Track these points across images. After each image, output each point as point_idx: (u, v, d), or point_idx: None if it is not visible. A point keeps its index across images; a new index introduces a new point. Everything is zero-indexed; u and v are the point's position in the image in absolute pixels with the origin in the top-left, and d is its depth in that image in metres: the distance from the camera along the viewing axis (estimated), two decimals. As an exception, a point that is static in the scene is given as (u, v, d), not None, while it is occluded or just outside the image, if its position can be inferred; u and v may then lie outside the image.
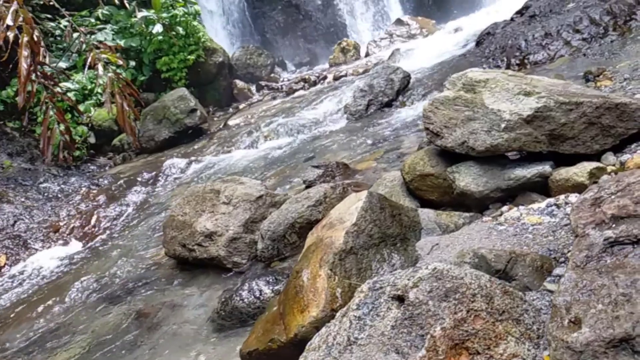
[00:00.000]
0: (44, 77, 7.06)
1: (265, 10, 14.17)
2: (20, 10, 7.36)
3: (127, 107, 8.32)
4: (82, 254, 4.77)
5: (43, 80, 7.05)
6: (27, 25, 7.41)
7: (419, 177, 2.91)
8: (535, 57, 5.44)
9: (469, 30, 8.91)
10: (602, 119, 2.48)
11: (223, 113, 10.50)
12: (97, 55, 8.61)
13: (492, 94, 2.60)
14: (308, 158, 5.28)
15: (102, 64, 8.53)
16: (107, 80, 8.27)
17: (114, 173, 7.58)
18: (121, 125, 8.46)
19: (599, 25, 5.35)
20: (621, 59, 4.40)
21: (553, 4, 6.70)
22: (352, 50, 11.47)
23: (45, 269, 4.55)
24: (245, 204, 3.45)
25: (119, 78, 8.59)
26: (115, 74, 8.43)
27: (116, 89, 8.30)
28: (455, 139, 2.66)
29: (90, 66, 8.99)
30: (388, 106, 6.14)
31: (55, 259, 4.81)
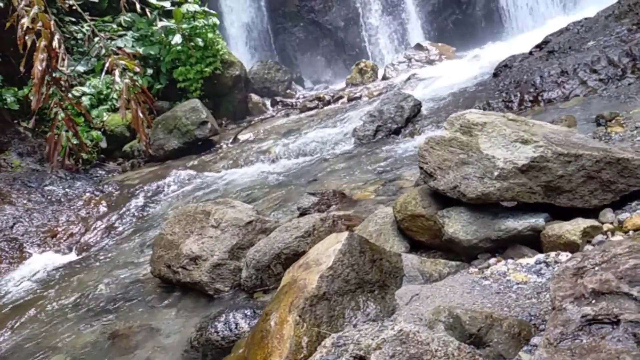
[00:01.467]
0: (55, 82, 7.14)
1: (287, 27, 14.25)
2: (39, 14, 7.48)
3: (141, 114, 8.41)
4: (73, 264, 4.73)
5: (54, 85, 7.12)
6: (45, 29, 7.52)
7: (410, 217, 2.81)
8: (549, 94, 5.32)
9: (488, 60, 8.81)
10: (602, 173, 2.36)
11: (236, 126, 10.51)
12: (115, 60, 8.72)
13: (488, 139, 2.50)
14: (310, 181, 5.20)
15: (119, 70, 8.62)
16: (124, 86, 8.35)
17: (120, 180, 7.58)
18: (136, 130, 8.55)
19: (617, 66, 5.22)
20: (636, 104, 4.26)
21: (573, 40, 6.58)
22: (370, 72, 11.43)
23: (35, 277, 4.52)
24: (233, 229, 3.37)
25: (135, 85, 8.68)
26: (131, 80, 8.52)
27: (132, 95, 8.39)
28: (448, 182, 2.55)
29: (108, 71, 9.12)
30: (396, 133, 6.05)
31: (48, 266, 4.78)
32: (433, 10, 13.15)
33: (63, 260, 4.91)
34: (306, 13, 14.09)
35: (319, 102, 10.15)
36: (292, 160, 6.40)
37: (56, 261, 4.90)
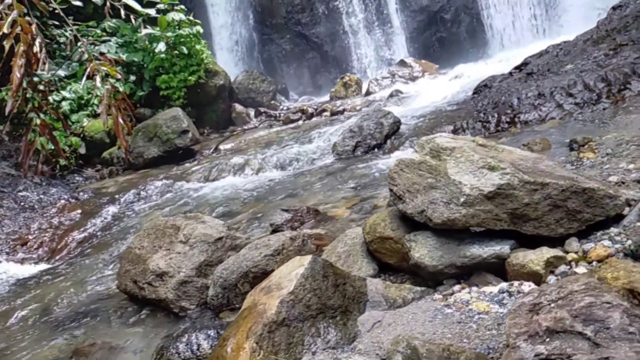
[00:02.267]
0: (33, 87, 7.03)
1: (274, 38, 14.28)
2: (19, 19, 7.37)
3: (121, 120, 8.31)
4: (42, 274, 4.63)
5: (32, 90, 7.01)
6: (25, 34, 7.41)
7: (379, 239, 2.79)
8: (526, 116, 5.37)
9: (470, 79, 8.91)
10: (568, 202, 2.37)
11: (218, 135, 10.45)
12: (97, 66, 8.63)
13: (456, 164, 2.50)
14: (286, 196, 5.17)
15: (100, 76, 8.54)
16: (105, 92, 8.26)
17: (96, 187, 7.47)
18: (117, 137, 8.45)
19: (592, 91, 5.29)
20: (609, 130, 4.31)
21: (552, 63, 6.68)
22: (354, 86, 11.48)
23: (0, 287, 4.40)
24: (202, 245, 3.32)
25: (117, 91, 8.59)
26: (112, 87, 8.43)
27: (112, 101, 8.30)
28: (416, 205, 2.54)
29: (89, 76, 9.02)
30: (375, 150, 6.06)
31: (15, 276, 4.66)
32: (418, 27, 13.28)
33: (31, 270, 4.80)
34: (293, 25, 14.13)
35: (302, 114, 10.16)
36: (271, 173, 6.36)
37: (24, 271, 4.79)
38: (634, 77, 5.25)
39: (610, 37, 6.69)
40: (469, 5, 13.12)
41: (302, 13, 14.12)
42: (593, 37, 6.91)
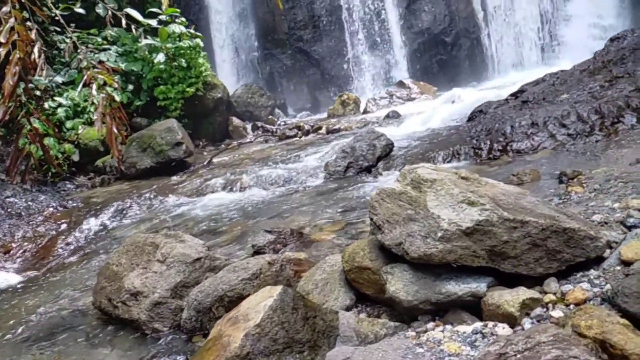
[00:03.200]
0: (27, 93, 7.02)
1: (275, 53, 14.34)
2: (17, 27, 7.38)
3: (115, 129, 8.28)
4: (20, 285, 4.55)
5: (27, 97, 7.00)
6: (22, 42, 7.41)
7: (357, 268, 2.73)
8: (518, 145, 5.34)
9: (467, 103, 8.90)
10: (547, 241, 2.32)
11: (214, 148, 10.43)
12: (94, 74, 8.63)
13: (436, 197, 2.45)
14: (274, 215, 5.12)
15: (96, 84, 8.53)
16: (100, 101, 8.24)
17: (86, 196, 7.42)
18: (110, 146, 8.41)
19: (585, 122, 5.27)
20: (599, 164, 4.28)
21: (547, 92, 6.68)
22: (352, 105, 11.50)
23: (-24, 296, 4.32)
24: (179, 266, 3.26)
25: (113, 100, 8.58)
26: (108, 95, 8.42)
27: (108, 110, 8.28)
28: (394, 237, 2.49)
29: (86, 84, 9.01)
30: (367, 171, 6.02)
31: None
32: (419, 49, 13.35)
33: (10, 280, 4.71)
34: (295, 41, 14.21)
35: (298, 131, 10.15)
36: (261, 190, 6.31)
37: (3, 281, 4.70)
38: (627, 111, 5.24)
39: (607, 68, 6.70)
40: (469, 30, 13.21)
41: (304, 30, 14.21)
42: (590, 68, 6.92)
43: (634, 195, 2.91)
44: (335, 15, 13.86)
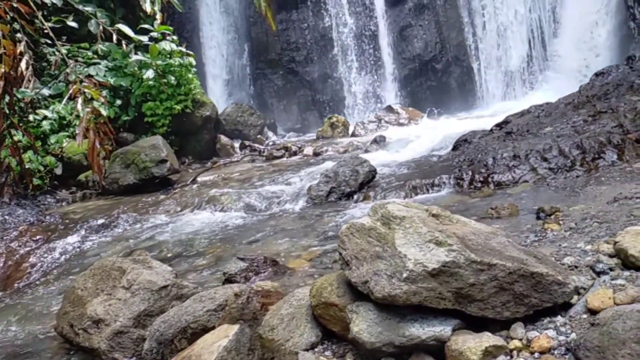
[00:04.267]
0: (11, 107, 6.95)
1: (267, 73, 14.39)
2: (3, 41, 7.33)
3: (98, 144, 8.20)
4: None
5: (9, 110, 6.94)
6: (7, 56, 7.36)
7: (324, 304, 2.66)
8: (499, 177, 5.33)
9: (454, 130, 8.92)
10: (515, 285, 2.27)
11: (200, 166, 10.37)
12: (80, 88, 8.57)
13: (404, 235, 2.40)
14: (251, 240, 5.04)
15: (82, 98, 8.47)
16: (84, 115, 8.18)
17: (65, 212, 7.31)
18: (90, 162, 8.32)
19: (567, 157, 5.28)
20: (578, 200, 4.26)
21: (532, 124, 6.71)
22: (341, 127, 11.52)
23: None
24: (145, 293, 3.17)
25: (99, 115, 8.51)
26: (94, 110, 8.36)
27: (91, 125, 8.21)
28: (360, 275, 2.43)
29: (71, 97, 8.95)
30: (349, 197, 5.98)
31: (-43, 303, 4.45)
32: (409, 74, 13.46)
33: (-24, 298, 4.59)
34: (287, 62, 14.28)
35: (285, 151, 10.12)
36: (242, 212, 6.24)
37: (-32, 299, 4.57)
38: (608, 147, 5.26)
39: (591, 103, 6.76)
40: (460, 57, 13.35)
41: (297, 51, 14.30)
42: (574, 102, 6.98)
43: (606, 238, 2.88)
44: (327, 38, 13.97)
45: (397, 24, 13.90)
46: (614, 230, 3.06)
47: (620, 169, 4.93)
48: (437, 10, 13.68)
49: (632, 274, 2.32)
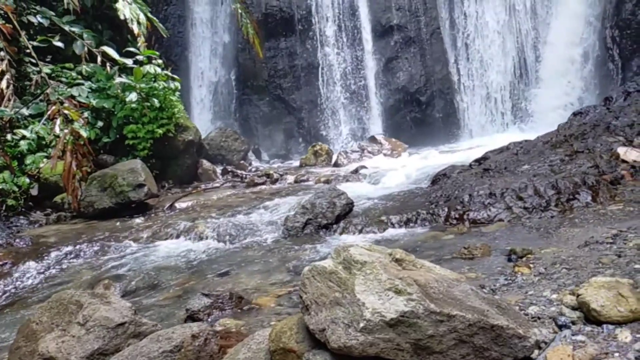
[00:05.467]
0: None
1: (253, 99, 14.44)
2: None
3: (75, 167, 8.08)
4: (-61, 333, 4.23)
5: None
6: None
7: (282, 350, 2.57)
8: (475, 214, 5.32)
9: (434, 163, 8.99)
10: (474, 338, 2.21)
11: (180, 190, 10.27)
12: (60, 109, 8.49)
13: (365, 281, 2.34)
14: (222, 272, 4.94)
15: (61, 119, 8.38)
16: (62, 136, 8.07)
17: (36, 234, 7.14)
18: (65, 184, 8.18)
19: (542, 197, 5.29)
20: (550, 242, 4.25)
21: (509, 161, 6.75)
22: (324, 155, 11.52)
23: None
24: (100, 330, 3.05)
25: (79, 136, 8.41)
26: (73, 131, 8.26)
27: (69, 146, 8.10)
28: (319, 321, 2.36)
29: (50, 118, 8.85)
30: (325, 229, 5.92)
31: None
32: (394, 106, 13.58)
33: None
34: (273, 89, 14.35)
35: (267, 178, 10.07)
36: (216, 242, 6.14)
37: None
38: (583, 188, 5.28)
39: (568, 142, 6.83)
40: (444, 91, 13.52)
41: (283, 78, 14.38)
42: (552, 140, 7.05)
43: (572, 287, 2.84)
44: (314, 67, 14.10)
45: (384, 55, 14.08)
46: (581, 278, 3.04)
47: (594, 211, 4.95)
48: (423, 44, 13.90)
49: (594, 329, 2.27)
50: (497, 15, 13.01)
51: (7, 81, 8.98)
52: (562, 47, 12.24)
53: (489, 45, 13.07)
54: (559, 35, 12.48)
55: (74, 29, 10.46)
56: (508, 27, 12.93)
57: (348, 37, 14.17)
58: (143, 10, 9.89)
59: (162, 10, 14.73)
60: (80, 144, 8.37)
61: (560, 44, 12.41)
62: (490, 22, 13.14)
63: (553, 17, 12.57)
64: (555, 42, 12.58)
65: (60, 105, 8.45)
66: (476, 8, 13.16)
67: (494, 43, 13.00)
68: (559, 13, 12.54)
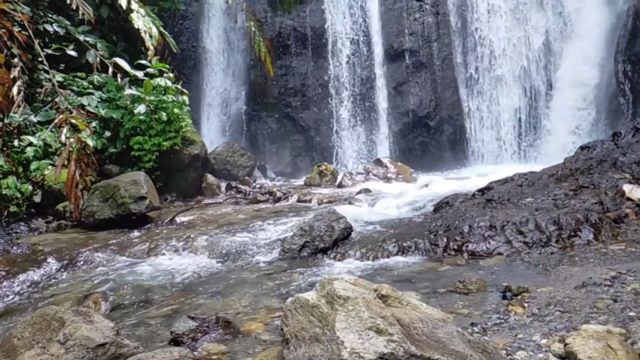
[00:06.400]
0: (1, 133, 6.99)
1: (262, 115, 14.50)
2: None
3: (78, 176, 8.10)
4: None
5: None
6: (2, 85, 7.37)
7: (260, 382, 2.51)
8: (474, 246, 5.23)
9: (438, 190, 8.91)
10: (455, 384, 2.14)
11: (183, 204, 10.26)
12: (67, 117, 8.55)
13: (346, 318, 2.28)
14: (214, 292, 4.88)
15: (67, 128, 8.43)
16: (67, 145, 8.12)
17: (35, 242, 7.14)
18: (67, 193, 8.19)
19: (543, 232, 5.20)
20: (548, 281, 4.15)
21: (513, 193, 6.67)
22: (329, 176, 11.49)
23: None
24: (80, 350, 2.99)
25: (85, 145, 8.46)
26: (79, 140, 8.31)
27: (74, 155, 8.13)
28: (297, 357, 2.30)
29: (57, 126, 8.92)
30: (322, 253, 5.84)
31: None
32: (402, 129, 13.56)
33: None
34: (283, 107, 14.41)
35: (270, 196, 10.04)
36: (212, 260, 6.10)
37: None
38: (585, 225, 5.19)
39: (574, 176, 6.74)
40: (453, 117, 13.49)
41: (293, 96, 14.44)
42: (557, 174, 6.96)
43: (563, 333, 2.75)
44: (325, 87, 14.15)
45: (395, 79, 14.11)
46: (574, 323, 2.95)
47: (595, 250, 4.85)
48: (434, 69, 13.92)
49: (580, 382, 2.19)
50: (509, 43, 13.02)
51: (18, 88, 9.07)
52: (574, 77, 12.19)
53: (500, 72, 13.06)
54: (571, 65, 12.44)
55: (88, 38, 10.59)
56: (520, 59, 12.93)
57: (360, 59, 14.23)
58: (156, 24, 10.00)
59: (178, 24, 14.92)
60: (86, 153, 8.41)
61: (572, 74, 12.37)
62: (502, 51, 13.14)
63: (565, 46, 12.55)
64: (567, 71, 12.54)
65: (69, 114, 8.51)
66: (490, 37, 13.18)
67: (505, 70, 12.99)
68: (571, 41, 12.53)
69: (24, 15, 9.52)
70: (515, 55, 12.95)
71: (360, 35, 14.30)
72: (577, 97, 12.06)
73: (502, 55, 13.02)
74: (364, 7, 14.36)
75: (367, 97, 14.02)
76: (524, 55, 12.91)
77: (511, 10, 13.02)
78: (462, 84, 13.53)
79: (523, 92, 12.82)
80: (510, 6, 13.05)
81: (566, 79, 12.35)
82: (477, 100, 13.29)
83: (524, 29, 12.88)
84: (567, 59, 12.30)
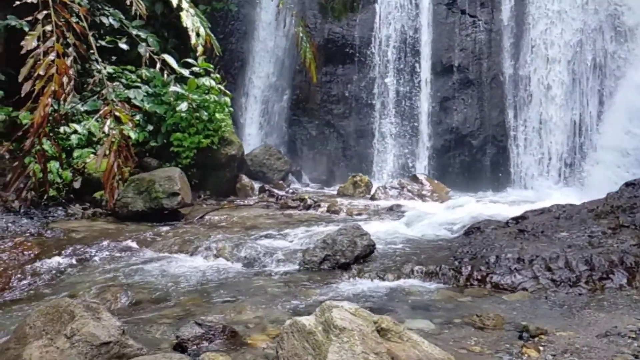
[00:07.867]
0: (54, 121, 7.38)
1: (303, 121, 14.54)
2: (57, 60, 7.66)
3: (116, 167, 8.33)
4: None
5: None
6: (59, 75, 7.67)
7: (250, 403, 2.48)
8: (498, 279, 5.04)
9: (473, 213, 8.65)
10: None
11: (215, 202, 10.41)
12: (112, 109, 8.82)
13: (339, 350, 2.22)
14: (228, 298, 4.89)
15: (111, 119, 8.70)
16: (110, 135, 8.38)
17: (68, 228, 7.38)
18: (104, 183, 8.45)
19: (573, 271, 4.96)
20: (570, 325, 3.95)
21: (548, 225, 6.41)
22: (363, 187, 11.40)
23: None
24: (84, 346, 3.05)
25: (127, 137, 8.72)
26: (121, 132, 8.56)
27: (115, 146, 8.38)
28: (285, 384, 2.25)
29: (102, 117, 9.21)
30: (342, 269, 5.77)
31: None
32: (444, 146, 13.29)
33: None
34: (324, 114, 14.39)
35: (300, 203, 10.04)
36: (233, 263, 6.14)
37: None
38: (619, 268, 4.92)
39: (614, 214, 6.41)
40: (498, 137, 13.13)
41: (336, 104, 14.41)
42: (597, 209, 6.63)
43: (572, 389, 2.60)
44: (368, 97, 14.06)
45: (440, 94, 13.86)
46: (588, 379, 2.77)
47: (627, 296, 4.59)
48: (482, 88, 13.58)
49: None
50: (561, 73, 12.58)
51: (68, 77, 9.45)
52: (628, 108, 11.64)
53: (550, 96, 12.62)
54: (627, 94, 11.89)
55: (140, 33, 10.90)
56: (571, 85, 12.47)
57: (406, 72, 14.06)
58: (203, 24, 10.19)
59: (229, 24, 15.17)
60: (126, 145, 8.65)
61: (626, 104, 11.82)
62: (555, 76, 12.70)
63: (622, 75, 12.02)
64: (622, 100, 11.99)
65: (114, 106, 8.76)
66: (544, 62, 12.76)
67: (555, 95, 12.54)
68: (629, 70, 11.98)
69: (82, 8, 9.90)
70: (568, 80, 12.50)
71: (408, 48, 14.13)
72: (631, 127, 11.51)
73: (555, 81, 12.58)
74: (415, 19, 14.20)
75: (410, 111, 13.82)
76: (577, 81, 12.44)
77: (569, 40, 12.58)
78: (510, 105, 13.14)
79: (573, 119, 12.35)
80: (568, 36, 12.59)
81: (620, 109, 11.81)
82: (524, 123, 12.88)
83: (579, 58, 12.42)
84: (622, 88, 11.76)
